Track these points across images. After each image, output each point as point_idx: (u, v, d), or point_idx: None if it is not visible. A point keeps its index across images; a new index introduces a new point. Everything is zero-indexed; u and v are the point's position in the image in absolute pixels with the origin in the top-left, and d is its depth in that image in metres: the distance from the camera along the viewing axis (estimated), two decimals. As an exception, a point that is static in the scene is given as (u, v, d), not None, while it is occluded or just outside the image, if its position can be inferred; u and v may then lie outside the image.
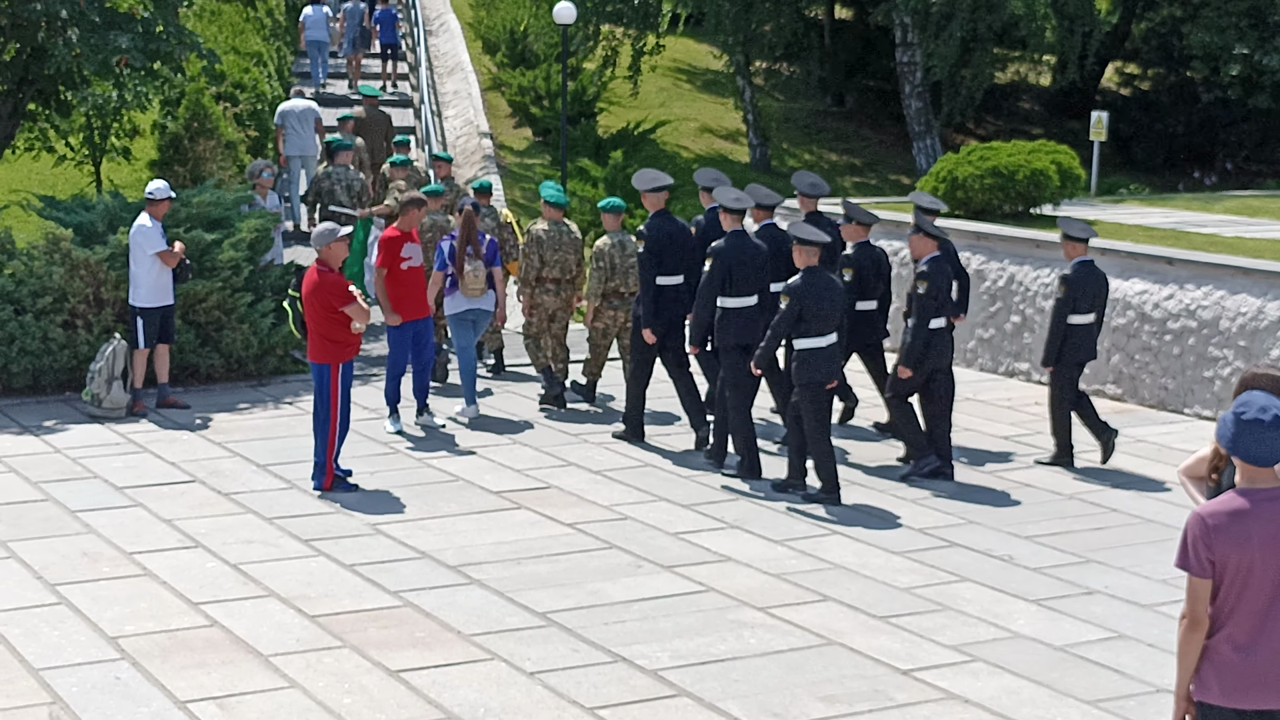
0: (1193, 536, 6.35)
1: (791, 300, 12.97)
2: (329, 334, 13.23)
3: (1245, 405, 6.34)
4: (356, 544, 11.91)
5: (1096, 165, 26.16)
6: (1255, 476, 6.35)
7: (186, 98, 22.53)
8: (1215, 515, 6.33)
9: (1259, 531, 6.28)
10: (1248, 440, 6.29)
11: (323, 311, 13.14)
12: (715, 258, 13.85)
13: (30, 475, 13.63)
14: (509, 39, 34.17)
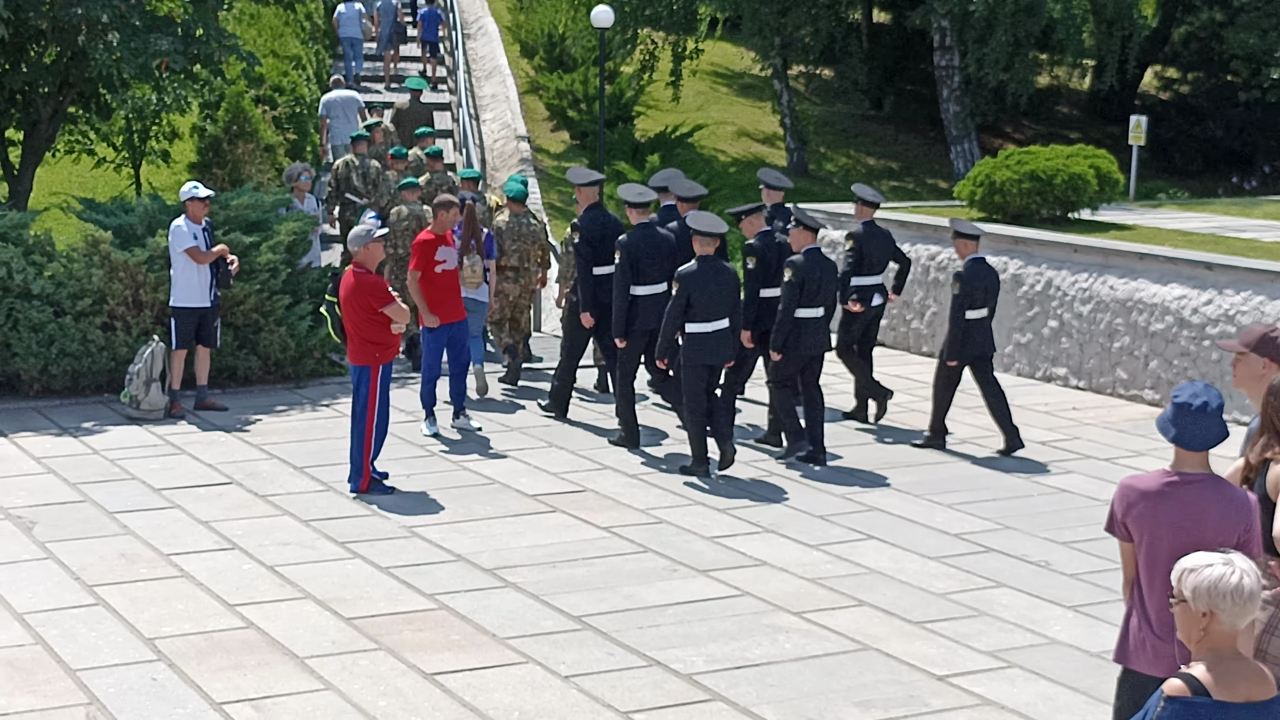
0: (1115, 505, 6.84)
1: (680, 287, 13.76)
2: (369, 336, 13.24)
3: (1181, 391, 6.71)
4: (392, 546, 11.93)
5: (1135, 169, 26.06)
6: (1184, 460, 6.74)
7: (226, 101, 22.65)
8: (1133, 488, 6.78)
9: (1170, 510, 6.66)
10: (1181, 425, 6.66)
11: (362, 313, 13.15)
12: (622, 249, 14.87)
13: (69, 476, 13.70)
14: (547, 42, 34.23)
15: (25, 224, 17.08)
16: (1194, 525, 6.60)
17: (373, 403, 13.31)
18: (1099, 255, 17.80)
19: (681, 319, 13.84)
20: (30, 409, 16.22)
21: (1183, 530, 6.58)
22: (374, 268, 13.34)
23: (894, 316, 20.25)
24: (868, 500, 13.34)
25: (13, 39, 19.49)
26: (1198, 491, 6.65)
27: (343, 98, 25.50)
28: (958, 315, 14.74)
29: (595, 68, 30.93)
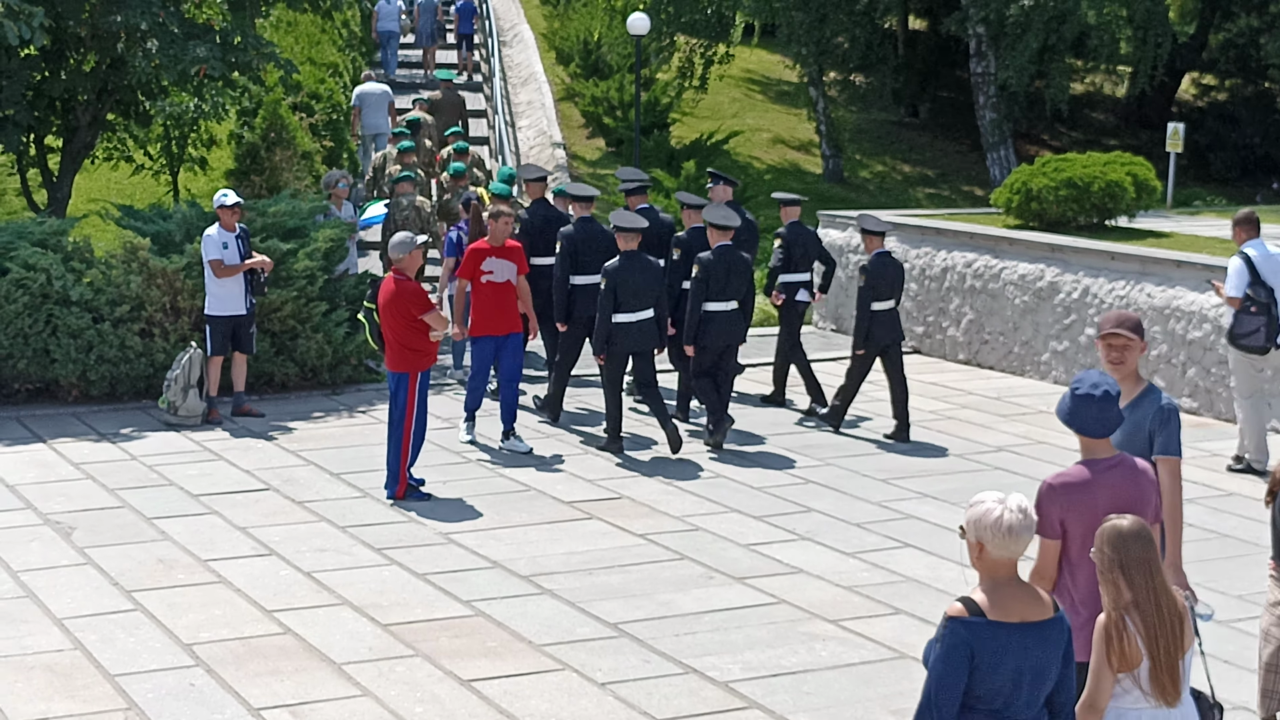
0: (1044, 503, 6.95)
1: (607, 280, 14.72)
2: (408, 343, 13.25)
3: (1080, 382, 6.98)
4: (429, 553, 11.96)
5: (1173, 177, 25.97)
6: (1093, 448, 7.05)
7: (264, 108, 22.73)
8: (1064, 484, 6.96)
9: (1103, 496, 6.91)
10: (1082, 415, 6.96)
11: (402, 320, 13.17)
12: (564, 240, 15.91)
13: (107, 482, 13.76)
14: (582, 50, 34.28)
15: (64, 231, 17.18)
16: (1124, 503, 6.91)
17: (411, 410, 13.33)
18: (1136, 263, 17.74)
19: (610, 310, 14.80)
20: (69, 415, 16.31)
21: (1115, 510, 6.75)
22: (414, 274, 13.38)
23: (930, 324, 20.22)
24: (904, 508, 13.32)
25: (53, 47, 19.61)
26: (1119, 473, 7.02)
27: (376, 91, 26.43)
28: (863, 306, 15.71)
29: (631, 74, 30.97)
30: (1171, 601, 6.20)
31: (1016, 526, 5.74)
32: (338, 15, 28.05)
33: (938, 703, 5.75)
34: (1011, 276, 19.03)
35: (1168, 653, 6.16)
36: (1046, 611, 5.84)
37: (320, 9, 22.10)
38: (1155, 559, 6.19)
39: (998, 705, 5.81)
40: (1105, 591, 6.26)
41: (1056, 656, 5.87)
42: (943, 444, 15.63)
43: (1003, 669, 5.74)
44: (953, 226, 20.33)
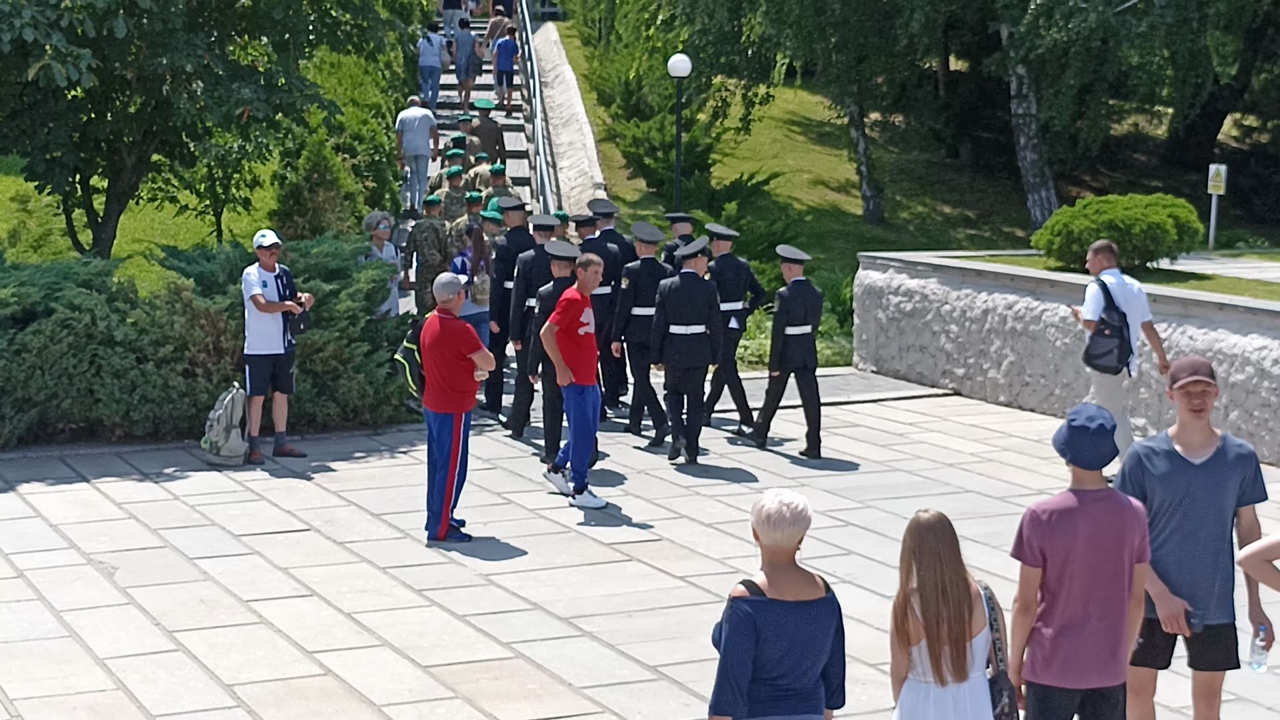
0: (1027, 531, 7.27)
1: (540, 304, 15.63)
2: (454, 383, 13.28)
3: (1076, 414, 7.22)
4: (469, 594, 11.98)
5: (1215, 218, 25.89)
6: (1084, 479, 7.28)
7: (307, 149, 22.88)
8: (1047, 512, 7.25)
9: (1084, 527, 7.18)
10: (1076, 445, 7.20)
11: (450, 359, 13.19)
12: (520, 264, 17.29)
13: (150, 522, 13.84)
14: (624, 90, 34.40)
15: (109, 271, 17.32)
16: (1105, 537, 7.20)
17: (456, 451, 13.34)
18: (1178, 305, 17.69)
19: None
20: (112, 454, 16.41)
21: (1096, 542, 7.18)
22: (458, 314, 13.42)
23: (971, 366, 20.19)
24: (944, 551, 13.27)
25: (99, 89, 19.79)
26: (1104, 507, 7.23)
27: (418, 116, 27.96)
28: (778, 330, 16.65)
29: (672, 115, 31.05)
30: (960, 591, 6.83)
31: (780, 518, 6.52)
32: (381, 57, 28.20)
33: (733, 674, 6.47)
34: (1053, 319, 18.99)
35: (948, 636, 6.80)
36: (818, 592, 6.63)
37: (364, 51, 22.24)
38: (948, 551, 6.86)
39: (775, 675, 6.54)
40: (900, 574, 6.98)
41: (828, 633, 6.64)
42: (983, 487, 15.59)
43: (780, 642, 6.49)
44: (993, 268, 20.30)
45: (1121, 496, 7.33)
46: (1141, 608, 7.44)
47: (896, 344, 21.40)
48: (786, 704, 6.59)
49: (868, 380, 21.34)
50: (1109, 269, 15.47)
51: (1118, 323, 15.30)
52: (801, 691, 6.63)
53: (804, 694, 6.64)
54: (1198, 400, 7.84)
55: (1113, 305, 15.34)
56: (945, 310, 20.59)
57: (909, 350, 21.18)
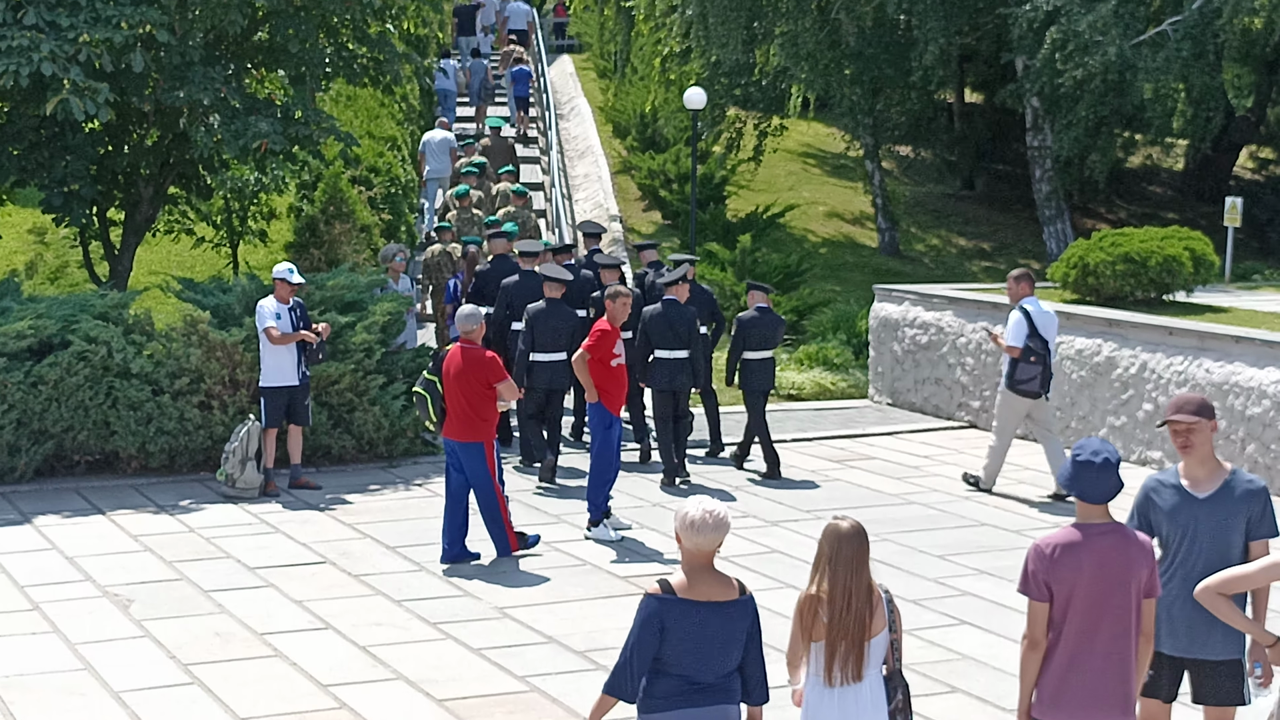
0: (1033, 566, 7.24)
1: (526, 322, 16.90)
2: (481, 412, 13.43)
3: (1081, 449, 7.24)
4: (484, 628, 11.97)
5: (1231, 251, 25.88)
6: (1089, 513, 7.27)
7: (323, 181, 22.94)
8: (1052, 546, 7.22)
9: (1089, 561, 7.16)
10: (1083, 481, 7.21)
11: (478, 389, 13.35)
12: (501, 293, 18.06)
13: (165, 554, 13.84)
14: (639, 123, 34.46)
15: (125, 304, 17.36)
16: (1111, 571, 7.18)
17: (494, 475, 13.60)
18: (1194, 338, 17.66)
19: (529, 349, 16.90)
20: (128, 487, 16.43)
21: (1101, 577, 7.16)
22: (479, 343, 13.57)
23: (987, 399, 20.16)
24: (961, 585, 13.26)
25: (116, 122, 19.87)
26: (1110, 541, 7.21)
27: (438, 138, 28.96)
28: (735, 352, 17.35)
29: (687, 148, 31.09)
30: (863, 597, 7.17)
31: (704, 524, 7.00)
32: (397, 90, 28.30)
33: (632, 662, 7.03)
34: (1068, 351, 18.97)
35: (846, 640, 7.17)
36: (732, 594, 7.08)
37: (380, 83, 22.32)
38: (859, 559, 7.16)
39: (683, 670, 7.03)
40: (811, 574, 7.28)
41: (740, 633, 7.08)
42: (999, 520, 15.56)
43: (688, 638, 6.97)
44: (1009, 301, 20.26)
45: (1129, 531, 7.31)
46: (1151, 644, 7.39)
47: (912, 376, 21.38)
48: (696, 698, 7.08)
49: (883, 413, 21.32)
50: (1029, 296, 16.16)
51: (1041, 349, 15.97)
52: (712, 687, 7.10)
53: (715, 689, 7.11)
54: (1180, 438, 7.92)
55: (1035, 332, 15.98)
56: (961, 343, 20.58)
57: (924, 383, 21.16)
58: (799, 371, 22.77)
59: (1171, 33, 26.35)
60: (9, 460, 16.34)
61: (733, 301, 25.11)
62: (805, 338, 24.50)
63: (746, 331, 17.22)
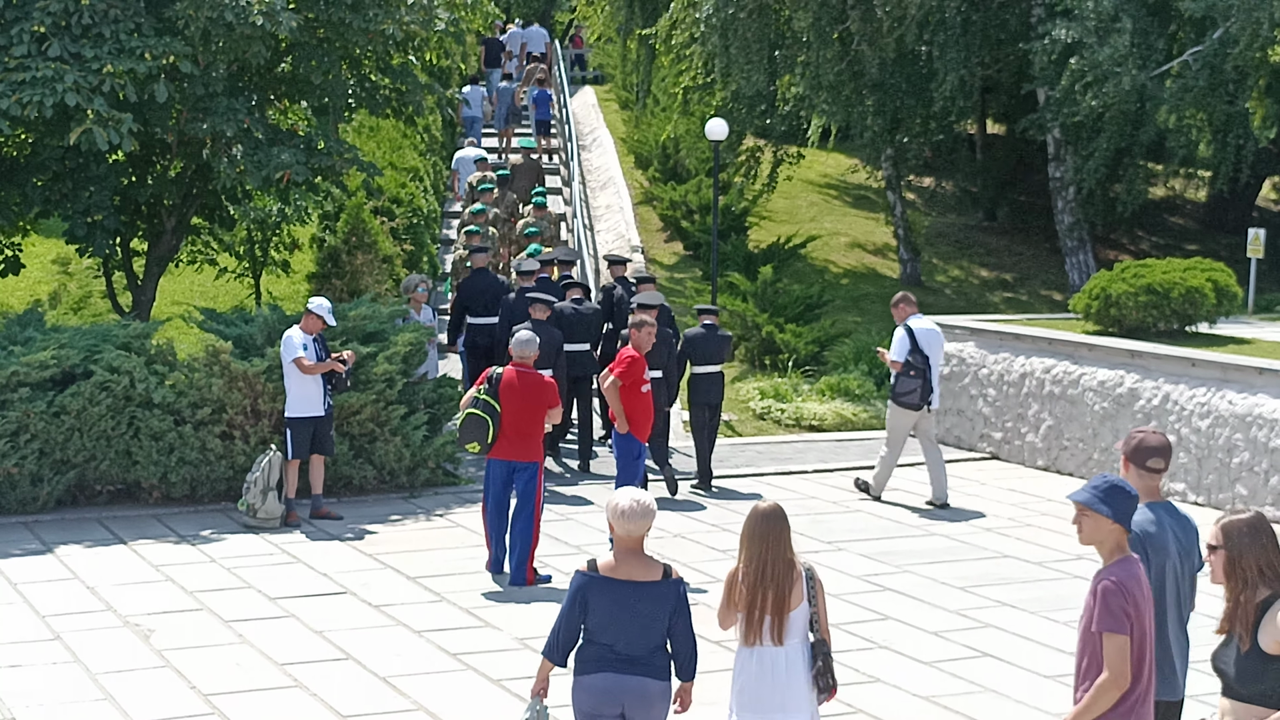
0: (1119, 601, 6.92)
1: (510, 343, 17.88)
2: (536, 433, 13.88)
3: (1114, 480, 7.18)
4: (505, 659, 11.95)
5: (1254, 282, 25.82)
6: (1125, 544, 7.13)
7: (345, 212, 23.00)
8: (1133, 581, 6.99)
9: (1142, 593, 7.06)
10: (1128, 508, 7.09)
11: (534, 410, 13.75)
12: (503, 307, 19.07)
13: (186, 584, 13.85)
14: (661, 154, 34.50)
15: (148, 334, 17.40)
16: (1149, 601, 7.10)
17: (540, 495, 13.93)
18: (1217, 369, 17.62)
19: None
20: (150, 516, 16.45)
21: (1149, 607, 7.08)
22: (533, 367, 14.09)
23: (1009, 430, 20.12)
24: (983, 617, 13.22)
25: (140, 152, 19.95)
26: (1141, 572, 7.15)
27: (471, 155, 30.45)
28: (682, 367, 18.35)
29: (708, 179, 31.10)
30: (782, 570, 7.93)
31: (633, 512, 7.90)
32: (419, 121, 28.39)
33: (558, 632, 8.06)
34: (1091, 383, 18.93)
35: (769, 608, 7.95)
36: (655, 577, 7.95)
37: (402, 114, 22.40)
38: (775, 536, 7.94)
39: (606, 640, 7.92)
40: (738, 552, 8.06)
41: (662, 612, 7.93)
42: (1021, 552, 15.51)
43: (608, 612, 7.86)
44: (1031, 332, 20.26)
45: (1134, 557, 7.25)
46: None
47: (934, 407, 21.32)
48: (617, 665, 7.93)
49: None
50: (913, 315, 17.47)
51: (921, 364, 17.25)
52: (635, 658, 7.93)
53: (637, 660, 7.94)
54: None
55: (917, 348, 17.28)
56: (983, 374, 20.55)
57: (947, 414, 21.11)
58: (820, 403, 22.74)
59: (1192, 62, 26.33)
60: (31, 490, 16.38)
61: (754, 332, 25.10)
62: (826, 369, 24.46)
63: (693, 347, 18.08)
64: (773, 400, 22.94)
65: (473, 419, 13.78)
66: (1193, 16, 25.98)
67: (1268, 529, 6.86)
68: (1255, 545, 6.79)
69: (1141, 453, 7.87)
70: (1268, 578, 6.77)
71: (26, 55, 17.85)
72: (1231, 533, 6.84)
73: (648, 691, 7.96)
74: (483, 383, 14.01)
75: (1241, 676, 6.91)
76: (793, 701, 8.08)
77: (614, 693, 7.95)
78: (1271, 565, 6.77)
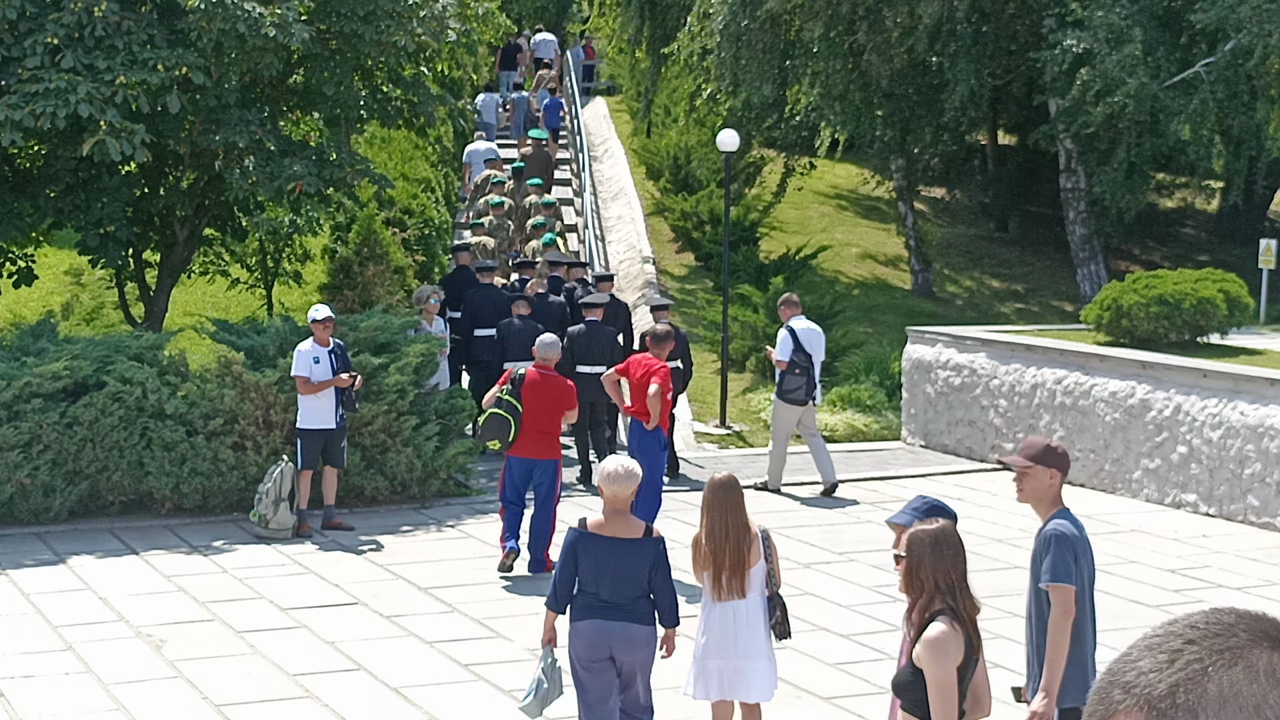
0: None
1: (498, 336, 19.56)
2: (554, 432, 14.44)
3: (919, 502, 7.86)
4: (516, 669, 11.95)
5: (1265, 293, 25.79)
6: None
7: (357, 223, 23.02)
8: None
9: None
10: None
11: (556, 410, 14.28)
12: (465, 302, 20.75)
13: (198, 595, 13.87)
14: (672, 164, 34.52)
15: (160, 345, 17.44)
16: None
17: (558, 489, 14.53)
18: (1229, 380, 17.60)
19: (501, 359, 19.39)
20: (161, 527, 16.48)
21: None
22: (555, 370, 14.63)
23: (1020, 441, 20.08)
24: (994, 628, 13.18)
25: (152, 164, 20.00)
26: None
27: (483, 149, 31.92)
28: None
29: (720, 189, 31.12)
30: (739, 532, 8.87)
31: (617, 475, 9.04)
32: (431, 132, 28.42)
33: (556, 583, 9.12)
34: (1102, 394, 18.92)
35: (728, 566, 8.95)
36: (637, 534, 9.04)
37: (414, 126, 22.44)
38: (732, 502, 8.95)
39: (595, 590, 8.94)
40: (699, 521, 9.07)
41: (643, 565, 8.97)
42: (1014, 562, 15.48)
43: (596, 564, 8.89)
44: (1042, 343, 20.26)
45: None
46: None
47: (945, 418, 21.34)
48: (606, 613, 8.94)
49: (916, 455, 21.27)
50: (796, 316, 18.52)
51: (805, 363, 18.23)
52: (619, 605, 8.94)
53: (623, 608, 8.95)
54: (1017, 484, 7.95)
55: (800, 347, 18.28)
56: (994, 385, 20.54)
57: (958, 425, 21.11)
58: (832, 413, 22.74)
59: (1205, 74, 26.33)
60: (44, 500, 16.42)
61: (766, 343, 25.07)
62: (838, 379, 24.45)
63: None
64: (784, 411, 22.91)
65: (495, 418, 14.28)
66: (1205, 28, 25.96)
67: (953, 542, 6.79)
68: (936, 557, 6.72)
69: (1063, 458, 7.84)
70: (943, 591, 6.68)
71: (40, 67, 17.91)
72: (915, 543, 6.78)
73: (631, 635, 8.99)
74: (505, 383, 14.43)
75: (899, 684, 6.96)
76: (755, 647, 9.13)
77: (601, 636, 8.97)
78: (948, 579, 6.69)
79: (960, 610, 6.62)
